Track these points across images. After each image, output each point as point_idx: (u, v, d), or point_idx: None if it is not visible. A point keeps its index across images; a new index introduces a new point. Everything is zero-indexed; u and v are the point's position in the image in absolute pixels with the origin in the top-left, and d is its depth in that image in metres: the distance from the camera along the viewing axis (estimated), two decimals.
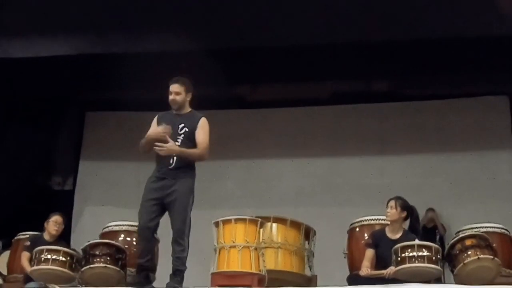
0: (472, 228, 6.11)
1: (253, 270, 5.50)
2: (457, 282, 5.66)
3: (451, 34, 7.52)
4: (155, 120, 5.96)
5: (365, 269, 5.69)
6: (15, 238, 7.31)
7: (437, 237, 7.81)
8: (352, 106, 9.86)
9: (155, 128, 5.78)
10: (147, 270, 5.80)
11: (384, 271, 5.58)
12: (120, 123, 9.96)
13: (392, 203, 5.89)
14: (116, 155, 9.80)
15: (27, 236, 6.91)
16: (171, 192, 5.66)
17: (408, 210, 5.93)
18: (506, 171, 9.23)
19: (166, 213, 5.80)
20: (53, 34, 7.86)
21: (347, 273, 6.36)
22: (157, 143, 5.66)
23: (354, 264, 6.25)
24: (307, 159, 9.72)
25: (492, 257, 5.54)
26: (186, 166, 5.74)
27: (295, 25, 7.52)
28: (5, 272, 7.43)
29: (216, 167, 9.73)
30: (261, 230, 5.77)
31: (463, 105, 9.58)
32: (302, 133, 9.77)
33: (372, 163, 9.59)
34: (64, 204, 9.68)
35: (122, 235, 6.49)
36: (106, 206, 9.55)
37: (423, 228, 8.08)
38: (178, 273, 5.63)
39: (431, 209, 8.71)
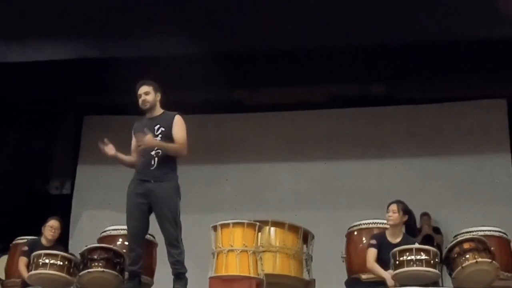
0: (470, 232, 6.10)
1: (251, 274, 5.50)
2: (455, 285, 5.67)
3: (448, 37, 7.55)
4: (133, 129, 5.93)
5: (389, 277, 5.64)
6: (13, 242, 7.28)
7: (434, 243, 7.80)
8: (350, 110, 9.87)
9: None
10: (139, 276, 5.75)
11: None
12: (118, 127, 9.88)
13: (394, 207, 5.86)
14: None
15: (25, 240, 6.89)
16: (157, 196, 5.59)
17: (409, 214, 5.93)
18: (503, 174, 9.24)
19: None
20: (51, 38, 7.87)
21: (345, 277, 6.36)
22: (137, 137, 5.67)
23: (352, 268, 6.24)
24: (305, 163, 9.73)
25: (490, 260, 5.54)
26: (168, 167, 5.68)
27: (293, 29, 7.54)
28: (3, 277, 7.41)
29: (214, 170, 9.75)
30: (259, 234, 5.76)
31: (460, 108, 9.60)
32: (300, 137, 9.78)
33: (370, 167, 9.60)
34: (62, 208, 9.70)
35: (120, 239, 6.46)
36: (104, 210, 9.54)
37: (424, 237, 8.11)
38: (182, 276, 5.59)
39: (425, 214, 8.70)
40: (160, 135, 5.70)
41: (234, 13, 7.47)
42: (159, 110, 5.86)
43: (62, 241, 6.91)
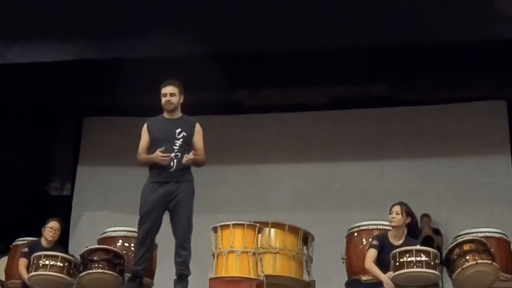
0: (470, 233, 6.09)
1: (251, 275, 5.50)
2: (456, 287, 5.68)
3: (448, 38, 7.55)
4: (145, 127, 5.89)
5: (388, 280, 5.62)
6: (13, 243, 7.28)
7: (434, 244, 7.79)
8: (351, 111, 9.87)
9: (156, 154, 5.66)
10: (141, 277, 5.76)
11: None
12: (118, 128, 9.96)
13: (398, 208, 5.85)
14: (114, 160, 9.79)
15: (25, 241, 6.88)
16: (175, 197, 5.62)
17: (412, 216, 5.92)
18: (504, 175, 9.24)
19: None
20: (51, 39, 7.87)
21: (346, 278, 6.35)
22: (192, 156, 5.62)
23: (352, 269, 6.23)
24: (306, 164, 9.73)
25: (490, 262, 5.54)
26: (186, 169, 5.71)
27: (294, 31, 7.54)
28: (3, 278, 7.41)
29: (214, 172, 9.72)
30: (259, 235, 5.77)
31: (461, 109, 9.60)
32: (301, 138, 9.77)
33: (371, 168, 9.60)
34: (62, 210, 9.70)
35: (120, 241, 6.46)
36: (104, 211, 9.54)
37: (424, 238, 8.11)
38: (184, 278, 5.60)
39: (425, 215, 8.69)
40: (181, 139, 5.72)
41: (235, 14, 7.47)
42: (178, 113, 5.88)
43: (62, 242, 6.91)
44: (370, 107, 9.81)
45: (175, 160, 5.66)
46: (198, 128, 5.86)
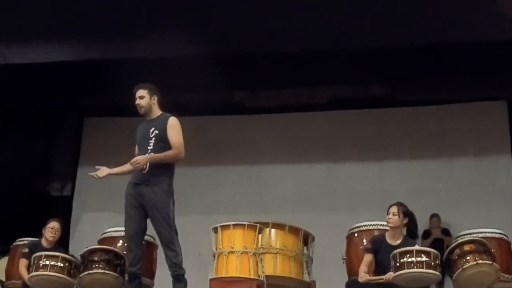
0: (470, 234, 6.10)
1: (252, 276, 5.51)
2: (456, 287, 5.67)
3: (448, 39, 7.55)
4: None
5: (364, 275, 5.67)
6: (14, 244, 7.29)
7: (444, 246, 7.76)
8: (351, 112, 9.87)
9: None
10: (139, 277, 5.75)
11: (383, 277, 5.58)
12: (119, 128, 9.95)
13: (395, 209, 5.85)
14: (115, 161, 9.69)
15: (26, 242, 6.89)
16: (148, 199, 5.59)
17: (410, 216, 5.92)
18: (504, 176, 9.24)
19: None
20: (51, 40, 7.87)
21: (346, 278, 6.36)
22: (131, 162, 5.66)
23: (352, 269, 6.24)
24: (306, 165, 9.73)
25: (490, 262, 5.54)
26: (160, 170, 5.63)
27: (294, 31, 7.55)
28: (3, 279, 7.42)
29: (214, 172, 9.76)
30: (260, 235, 5.78)
31: (461, 110, 9.60)
32: (301, 138, 9.78)
33: (371, 169, 9.60)
34: (63, 210, 9.71)
35: (121, 241, 6.46)
36: (105, 212, 9.53)
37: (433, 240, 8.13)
38: (181, 278, 5.59)
39: (435, 215, 8.69)
40: (154, 138, 5.69)
41: (235, 15, 7.47)
42: (156, 112, 5.85)
43: (62, 243, 6.91)
44: (370, 107, 9.81)
45: (147, 163, 5.61)
46: (171, 123, 5.72)
